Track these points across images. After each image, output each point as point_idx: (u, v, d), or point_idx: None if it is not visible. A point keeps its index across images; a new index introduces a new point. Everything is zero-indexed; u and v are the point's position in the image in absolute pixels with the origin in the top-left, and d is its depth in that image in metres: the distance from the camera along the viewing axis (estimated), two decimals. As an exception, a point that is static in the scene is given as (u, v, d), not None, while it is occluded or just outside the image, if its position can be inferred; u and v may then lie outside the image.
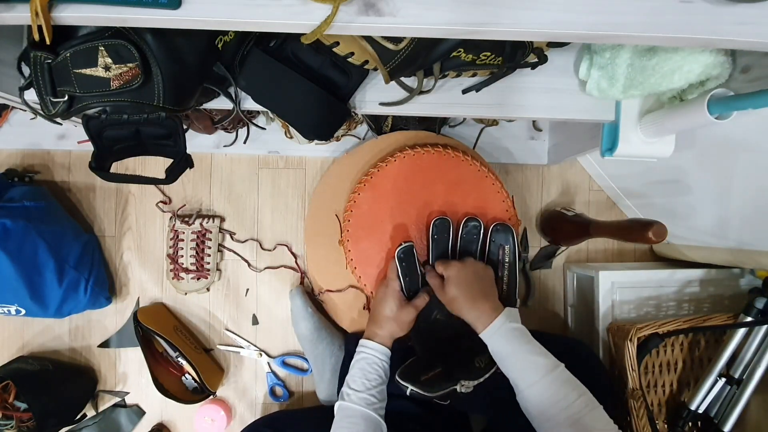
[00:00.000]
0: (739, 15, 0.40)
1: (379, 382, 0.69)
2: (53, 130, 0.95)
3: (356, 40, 0.53)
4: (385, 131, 0.92)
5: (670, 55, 0.56)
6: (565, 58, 0.67)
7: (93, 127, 0.53)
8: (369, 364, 0.70)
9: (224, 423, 0.95)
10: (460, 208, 0.79)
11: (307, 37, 0.40)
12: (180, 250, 0.94)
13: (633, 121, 0.67)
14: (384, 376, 0.70)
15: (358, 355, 0.72)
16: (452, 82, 0.67)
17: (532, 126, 1.01)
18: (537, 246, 1.02)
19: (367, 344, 0.72)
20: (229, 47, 0.58)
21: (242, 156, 0.99)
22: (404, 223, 0.79)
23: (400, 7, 0.39)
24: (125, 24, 0.42)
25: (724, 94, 0.54)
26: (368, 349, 0.71)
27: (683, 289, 0.91)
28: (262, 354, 0.98)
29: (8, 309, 0.82)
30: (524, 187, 1.03)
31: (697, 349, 0.87)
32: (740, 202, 0.78)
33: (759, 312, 0.77)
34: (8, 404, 0.83)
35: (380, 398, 0.68)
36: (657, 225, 0.70)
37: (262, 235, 1.00)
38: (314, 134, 0.71)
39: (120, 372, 0.98)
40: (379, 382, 0.69)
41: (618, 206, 1.04)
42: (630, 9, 0.40)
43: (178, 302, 0.99)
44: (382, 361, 0.70)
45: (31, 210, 0.84)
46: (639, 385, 0.76)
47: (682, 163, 0.81)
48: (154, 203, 0.98)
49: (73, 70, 0.47)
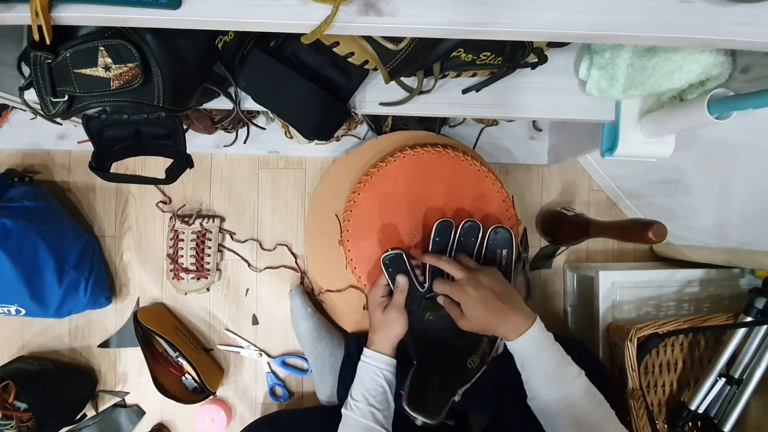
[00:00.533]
0: (739, 15, 0.40)
1: (379, 392, 0.68)
2: (53, 130, 0.95)
3: (356, 40, 0.53)
4: (385, 131, 0.92)
5: (670, 55, 0.56)
6: (565, 58, 0.67)
7: (93, 127, 0.53)
8: (367, 373, 0.69)
9: (224, 423, 0.95)
10: (460, 208, 0.79)
11: (307, 37, 0.40)
12: (180, 250, 0.94)
13: (633, 121, 0.67)
14: (385, 384, 0.69)
15: (359, 364, 0.72)
16: (452, 82, 0.67)
17: (532, 126, 1.01)
18: (537, 246, 1.02)
19: (366, 353, 0.71)
20: (229, 47, 0.58)
21: (242, 156, 0.99)
22: (404, 223, 0.79)
23: (400, 7, 0.39)
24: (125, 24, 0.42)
25: (724, 94, 0.54)
26: (367, 358, 0.71)
27: (683, 289, 0.91)
28: (262, 354, 0.98)
29: (8, 309, 0.82)
30: (524, 187, 1.03)
31: (697, 349, 0.87)
32: (740, 202, 0.78)
33: (759, 312, 0.77)
34: (8, 404, 0.83)
35: (381, 407, 0.67)
36: (657, 225, 0.70)
37: (262, 235, 1.00)
38: (314, 134, 0.71)
39: (120, 372, 0.98)
40: (379, 392, 0.68)
41: (618, 206, 1.04)
42: (630, 9, 0.40)
43: (178, 302, 0.99)
44: (381, 370, 0.69)
45: (31, 210, 0.84)
46: (639, 385, 0.76)
47: (682, 163, 0.81)
48: (154, 203, 0.98)
49: (73, 70, 0.47)
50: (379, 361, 0.70)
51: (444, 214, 0.78)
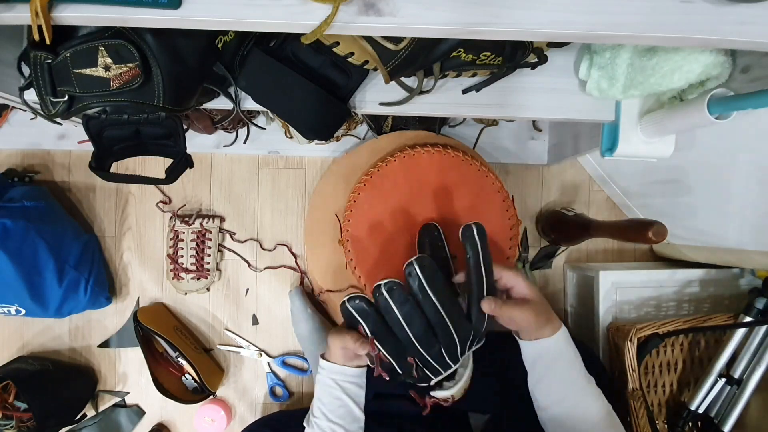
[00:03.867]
0: (739, 15, 0.40)
1: (337, 405, 0.60)
2: (53, 130, 0.95)
3: (356, 40, 0.53)
4: (385, 131, 0.92)
5: (670, 55, 0.56)
6: (565, 58, 0.67)
7: (93, 127, 0.53)
8: (322, 387, 0.62)
9: (224, 423, 0.95)
10: (459, 207, 0.79)
11: (307, 37, 0.40)
12: (180, 250, 0.94)
13: (633, 121, 0.67)
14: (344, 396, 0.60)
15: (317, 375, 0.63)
16: (452, 82, 0.67)
17: (532, 126, 1.01)
18: (537, 246, 1.02)
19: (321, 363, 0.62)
20: (229, 47, 0.58)
21: (242, 156, 0.99)
22: (404, 222, 0.79)
23: (400, 7, 0.39)
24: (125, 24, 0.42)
25: (724, 94, 0.54)
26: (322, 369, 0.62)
27: (683, 289, 0.91)
28: (262, 354, 0.98)
29: (8, 309, 0.82)
30: (524, 187, 1.03)
31: (697, 349, 0.87)
32: (740, 202, 0.77)
33: (759, 312, 0.77)
34: (8, 404, 0.83)
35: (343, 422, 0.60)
36: (657, 225, 0.70)
37: (262, 235, 1.00)
38: (314, 134, 0.71)
39: (120, 372, 0.98)
40: (337, 405, 0.60)
41: (618, 206, 1.04)
42: (630, 9, 0.40)
43: (178, 302, 0.99)
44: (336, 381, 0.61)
45: (31, 210, 0.84)
46: (639, 386, 0.76)
47: (682, 163, 0.81)
48: (154, 203, 0.98)
49: (73, 70, 0.47)
50: (334, 372, 0.61)
51: (444, 214, 0.78)
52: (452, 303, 0.55)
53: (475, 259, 0.56)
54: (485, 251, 0.56)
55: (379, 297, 0.54)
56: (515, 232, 0.80)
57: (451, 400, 0.63)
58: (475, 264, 0.56)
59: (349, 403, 0.61)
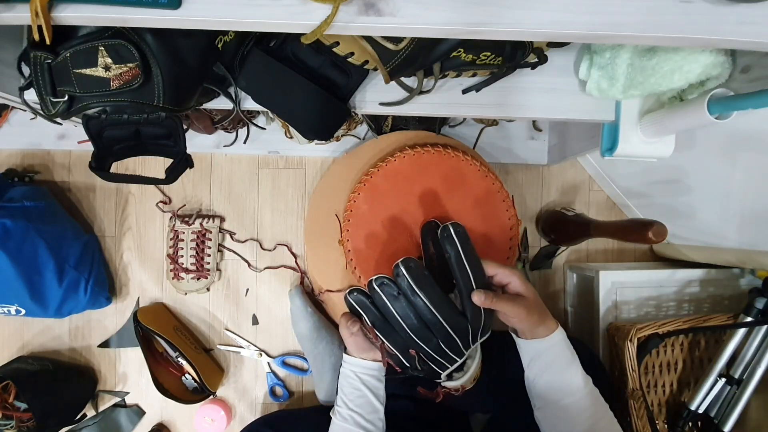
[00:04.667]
0: (739, 15, 0.40)
1: (357, 395, 0.64)
2: (53, 130, 0.95)
3: (356, 40, 0.53)
4: (385, 131, 0.92)
5: (670, 55, 0.56)
6: (565, 58, 0.67)
7: (93, 127, 0.53)
8: (344, 377, 0.66)
9: (224, 423, 0.95)
10: (460, 208, 0.79)
11: (307, 37, 0.40)
12: (180, 250, 0.94)
13: (633, 121, 0.67)
14: (363, 387, 0.64)
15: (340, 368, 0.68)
16: (452, 82, 0.67)
17: (532, 126, 1.01)
18: (537, 246, 1.02)
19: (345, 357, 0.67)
20: (229, 47, 0.58)
21: (242, 156, 0.99)
22: (404, 222, 0.79)
23: (400, 7, 0.39)
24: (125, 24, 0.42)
25: (724, 94, 0.54)
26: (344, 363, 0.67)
27: (683, 289, 0.91)
28: (262, 354, 0.98)
29: (8, 309, 0.82)
30: (524, 187, 1.03)
31: (697, 349, 0.87)
32: (740, 202, 0.78)
33: (759, 312, 0.77)
34: (8, 404, 0.83)
35: (363, 411, 0.63)
36: (657, 225, 0.70)
37: (262, 235, 1.00)
38: (314, 134, 0.71)
39: (120, 372, 0.98)
40: (357, 395, 0.64)
41: (618, 206, 1.04)
42: (630, 9, 0.40)
43: (178, 302, 0.99)
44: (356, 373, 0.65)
45: (31, 210, 0.84)
46: (639, 385, 0.76)
47: (682, 163, 0.81)
48: (154, 203, 0.98)
49: (73, 70, 0.47)
50: (353, 365, 0.65)
51: (444, 214, 0.78)
52: (443, 300, 0.56)
53: (455, 255, 0.57)
54: (466, 248, 0.57)
55: (373, 292, 0.57)
56: (515, 232, 0.80)
57: (461, 389, 0.65)
58: (456, 260, 0.57)
59: (368, 394, 0.64)
